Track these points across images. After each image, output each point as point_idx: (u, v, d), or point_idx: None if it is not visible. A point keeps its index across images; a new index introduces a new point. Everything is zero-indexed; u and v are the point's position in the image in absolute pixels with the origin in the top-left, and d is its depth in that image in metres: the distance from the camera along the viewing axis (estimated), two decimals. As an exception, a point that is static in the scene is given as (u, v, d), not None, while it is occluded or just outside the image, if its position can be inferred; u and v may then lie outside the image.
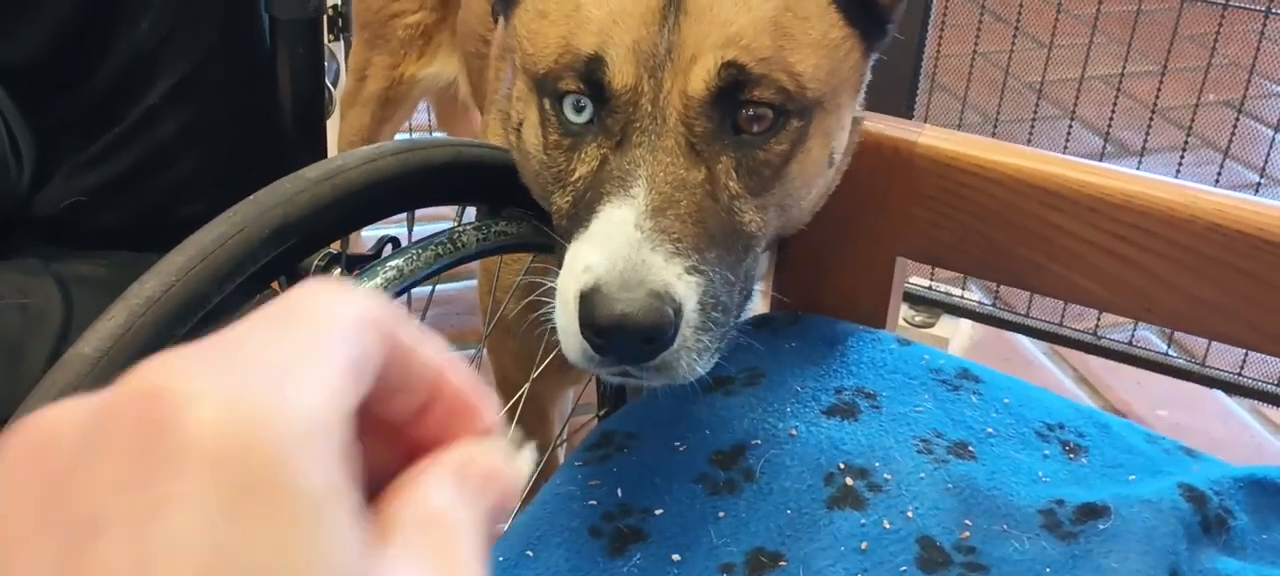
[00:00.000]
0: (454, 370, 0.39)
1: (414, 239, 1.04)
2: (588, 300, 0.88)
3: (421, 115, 2.60)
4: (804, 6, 0.99)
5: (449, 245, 1.03)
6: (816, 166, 1.05)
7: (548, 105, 1.00)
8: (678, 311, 0.89)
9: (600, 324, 0.88)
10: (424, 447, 0.39)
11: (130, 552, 0.31)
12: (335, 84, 2.03)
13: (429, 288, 1.12)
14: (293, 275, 0.97)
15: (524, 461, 0.42)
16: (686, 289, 0.91)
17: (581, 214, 0.95)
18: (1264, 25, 2.23)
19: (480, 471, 0.39)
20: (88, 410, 0.34)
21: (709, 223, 0.94)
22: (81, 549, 0.31)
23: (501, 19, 1.10)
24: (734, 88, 0.95)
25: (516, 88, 1.07)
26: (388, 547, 0.35)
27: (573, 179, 0.98)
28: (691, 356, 0.92)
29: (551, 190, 1.01)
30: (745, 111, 0.96)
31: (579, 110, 0.97)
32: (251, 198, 0.88)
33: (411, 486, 0.38)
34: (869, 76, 1.10)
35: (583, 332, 0.90)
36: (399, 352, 0.37)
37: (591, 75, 0.95)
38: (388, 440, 0.38)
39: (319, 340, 0.34)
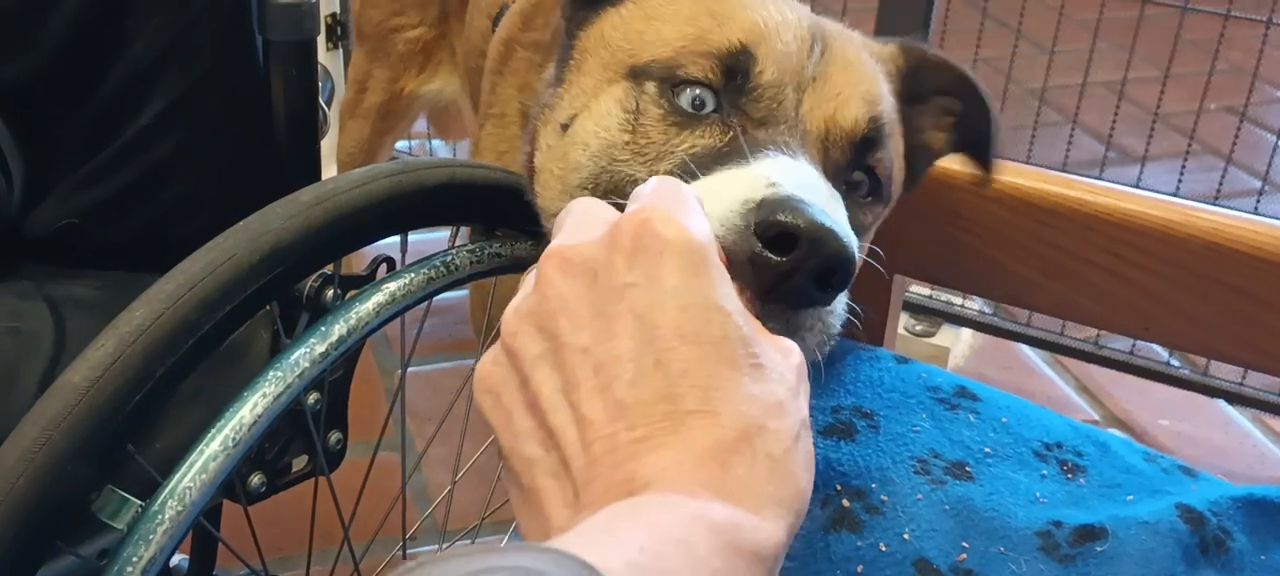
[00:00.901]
0: None
1: (409, 258, 1.04)
2: (777, 206, 0.76)
3: (419, 123, 2.60)
4: (897, 119, 1.01)
5: (442, 268, 1.02)
6: (860, 255, 1.01)
7: (652, 88, 0.92)
8: (851, 260, 0.79)
9: (797, 228, 0.75)
10: None
11: (646, 296, 0.63)
12: (329, 102, 2.03)
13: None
14: (285, 300, 0.97)
15: None
16: (855, 246, 0.81)
17: (713, 164, 0.86)
18: (1266, 31, 2.22)
19: None
20: (597, 237, 0.67)
21: None
22: (613, 304, 0.64)
23: (567, 15, 1.05)
24: (870, 142, 0.94)
25: (575, 87, 1.00)
26: None
27: (682, 147, 0.90)
28: (831, 322, 0.85)
29: (625, 165, 0.92)
30: (858, 173, 0.96)
31: (696, 106, 0.91)
32: (242, 223, 0.88)
33: None
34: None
35: (749, 243, 0.76)
36: None
37: (735, 62, 0.90)
38: None
39: (693, 203, 0.70)
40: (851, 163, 0.94)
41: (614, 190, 0.92)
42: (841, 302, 0.87)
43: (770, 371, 0.64)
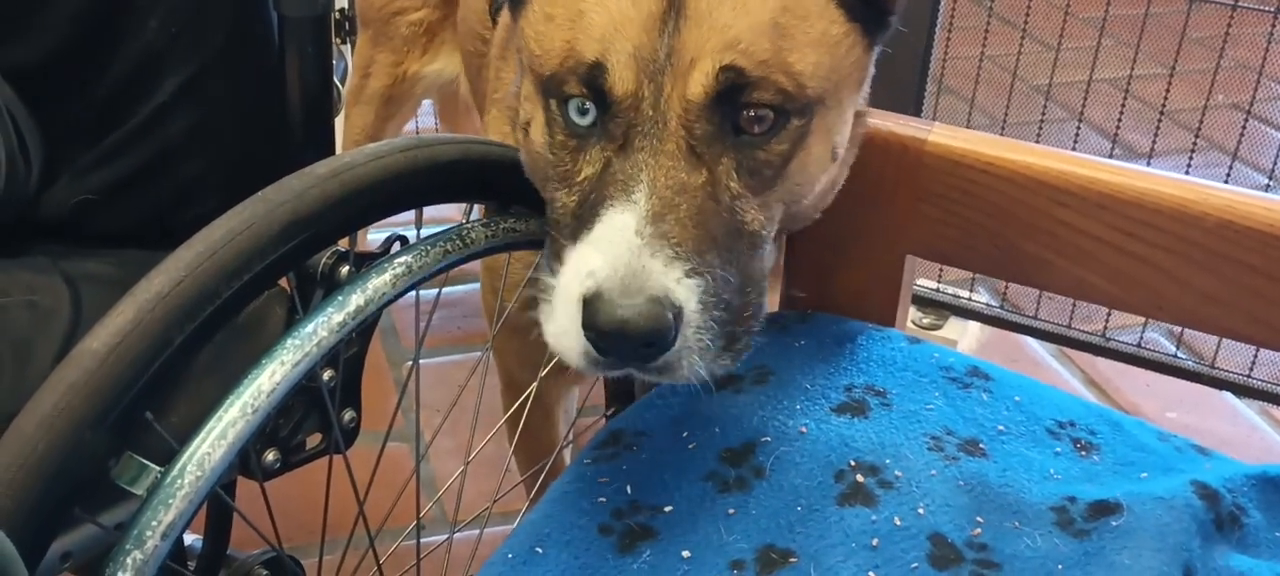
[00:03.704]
0: None
1: (422, 237, 1.04)
2: (590, 305, 0.91)
3: (428, 120, 2.61)
4: (803, 5, 1.00)
5: (458, 242, 1.02)
6: (818, 163, 1.05)
7: (554, 106, 1.01)
8: (678, 315, 0.91)
9: (602, 328, 0.90)
10: None
11: None
12: (343, 81, 2.03)
13: (435, 290, 1.11)
14: (301, 272, 0.97)
15: None
16: (686, 292, 0.92)
17: (585, 215, 0.96)
18: (1272, 27, 2.22)
19: None
20: None
21: (710, 224, 0.96)
22: None
23: (510, 16, 1.10)
24: (733, 91, 0.96)
25: (524, 87, 1.07)
26: None
27: (578, 179, 1.00)
28: (693, 357, 0.94)
29: (556, 189, 1.02)
30: (746, 113, 0.98)
31: (583, 113, 0.99)
32: (259, 194, 0.88)
33: None
34: (873, 71, 1.10)
35: (586, 334, 0.92)
36: None
37: (594, 81, 0.97)
38: None
39: None
40: (721, 123, 0.97)
41: (555, 212, 1.03)
42: (691, 331, 0.93)
43: None
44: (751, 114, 0.98)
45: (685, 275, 0.92)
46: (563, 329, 0.95)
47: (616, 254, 0.92)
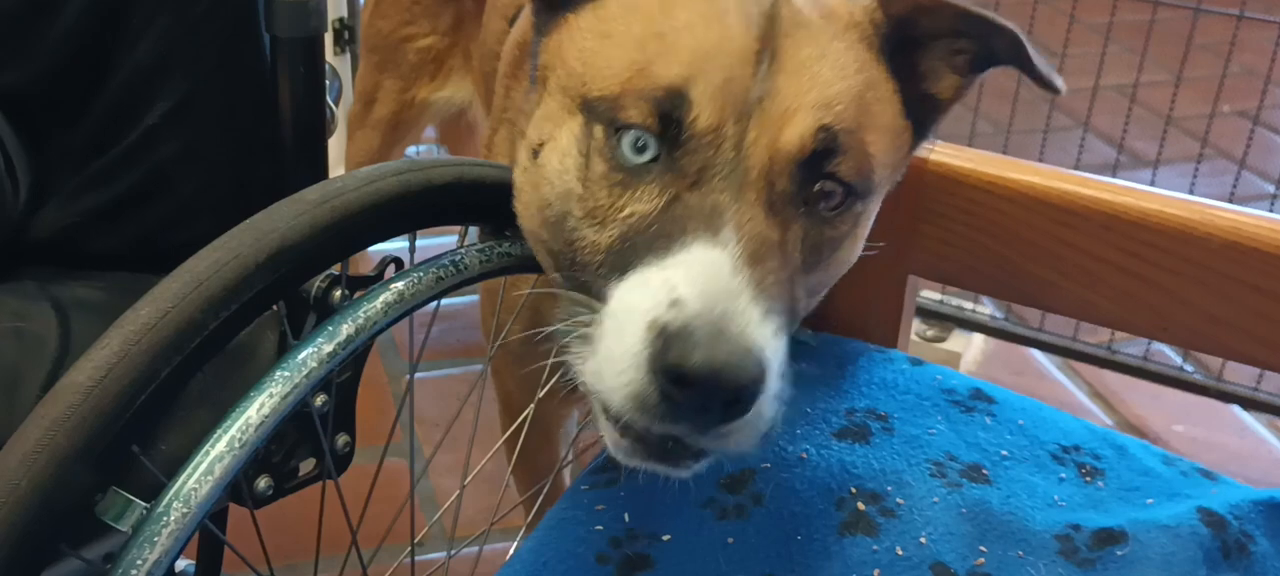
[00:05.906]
0: None
1: (417, 257, 1.03)
2: (675, 339, 0.77)
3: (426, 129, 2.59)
4: (880, 88, 0.95)
5: (451, 268, 1.01)
6: (853, 254, 0.99)
7: (599, 133, 0.91)
8: (764, 376, 0.79)
9: (688, 371, 0.76)
10: None
11: None
12: (337, 101, 2.02)
13: (433, 302, 1.10)
14: (292, 299, 0.96)
15: None
16: (773, 354, 0.80)
17: (643, 248, 0.85)
18: (1279, 34, 2.21)
19: None
20: None
21: (784, 290, 0.87)
22: None
23: (534, 29, 1.03)
24: (822, 155, 0.88)
25: (544, 107, 0.99)
26: None
27: (622, 215, 0.89)
28: (750, 431, 0.82)
29: (580, 225, 0.91)
30: (823, 184, 0.90)
31: (639, 150, 0.88)
32: (248, 222, 0.87)
33: None
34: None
35: (654, 377, 0.78)
36: None
37: (670, 110, 0.87)
38: None
39: None
40: (805, 181, 0.89)
41: (570, 249, 0.92)
42: (766, 400, 0.81)
43: None
44: (826, 187, 0.90)
45: (774, 334, 0.81)
46: (615, 360, 0.80)
47: (713, 288, 0.79)
